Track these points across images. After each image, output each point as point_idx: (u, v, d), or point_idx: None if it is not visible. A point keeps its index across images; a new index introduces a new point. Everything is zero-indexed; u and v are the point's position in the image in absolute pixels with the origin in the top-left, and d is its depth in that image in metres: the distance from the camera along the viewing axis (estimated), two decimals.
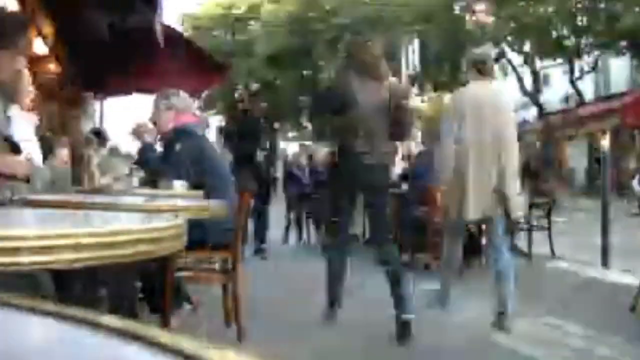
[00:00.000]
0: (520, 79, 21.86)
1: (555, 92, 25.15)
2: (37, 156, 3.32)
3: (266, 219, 7.52)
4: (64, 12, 6.06)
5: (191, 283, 3.64)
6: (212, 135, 8.86)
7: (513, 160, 4.16)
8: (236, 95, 28.76)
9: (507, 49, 21.29)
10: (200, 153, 3.60)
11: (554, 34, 19.33)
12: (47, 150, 3.85)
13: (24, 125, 3.27)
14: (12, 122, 2.96)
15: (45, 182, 2.56)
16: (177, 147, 3.55)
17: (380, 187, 3.93)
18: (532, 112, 23.87)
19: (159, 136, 4.01)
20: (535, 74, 21.69)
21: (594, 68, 21.08)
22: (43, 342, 0.48)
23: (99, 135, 6.46)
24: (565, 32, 19.33)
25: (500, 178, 4.07)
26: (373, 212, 4.02)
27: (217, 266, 3.59)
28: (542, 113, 21.85)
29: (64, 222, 1.48)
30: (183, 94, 3.86)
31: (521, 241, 7.51)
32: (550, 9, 18.47)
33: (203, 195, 3.07)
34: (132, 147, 5.71)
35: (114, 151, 7.00)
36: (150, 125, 4.01)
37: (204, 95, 25.06)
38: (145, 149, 4.04)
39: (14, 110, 3.08)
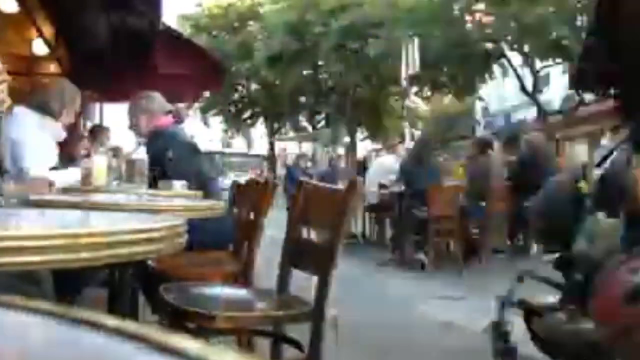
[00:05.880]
0: (520, 79, 21.85)
1: (555, 92, 25.13)
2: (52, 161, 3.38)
3: None
4: (65, 13, 6.06)
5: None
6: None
7: None
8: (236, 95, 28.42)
9: (507, 49, 21.28)
10: (183, 154, 3.59)
11: (554, 34, 19.32)
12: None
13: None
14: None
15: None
16: (158, 149, 3.53)
17: None
18: (532, 112, 23.85)
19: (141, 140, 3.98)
20: (535, 74, 21.68)
21: None
22: (43, 342, 0.48)
23: (99, 131, 6.45)
24: (565, 32, 19.31)
25: None
26: None
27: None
28: (542, 113, 21.84)
29: (63, 222, 1.48)
30: (155, 95, 3.85)
31: (521, 242, 7.52)
32: (550, 9, 18.45)
33: (203, 195, 3.07)
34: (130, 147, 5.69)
35: (116, 151, 6.99)
36: None
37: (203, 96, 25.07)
38: None
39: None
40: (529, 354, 3.50)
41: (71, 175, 3.27)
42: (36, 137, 3.31)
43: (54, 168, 3.36)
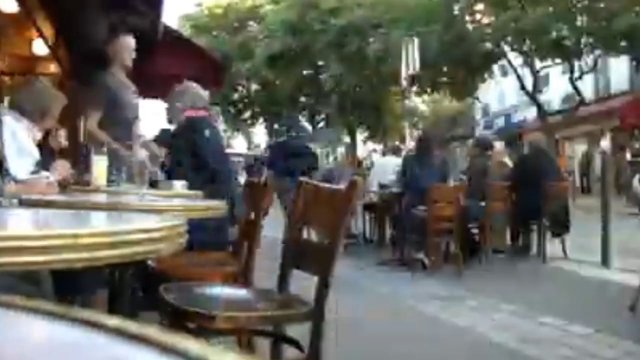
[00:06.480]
0: (520, 79, 21.84)
1: (555, 92, 25.14)
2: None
3: None
4: (65, 13, 6.06)
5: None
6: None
7: None
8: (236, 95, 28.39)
9: (507, 49, 21.29)
10: (218, 145, 3.65)
11: (554, 34, 19.31)
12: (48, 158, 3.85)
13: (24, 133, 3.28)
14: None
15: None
16: (195, 137, 3.56)
17: None
18: (532, 112, 23.85)
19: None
20: (535, 74, 21.67)
21: (594, 68, 21.07)
22: (43, 342, 0.48)
23: None
24: (565, 32, 19.31)
25: None
26: None
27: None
28: (542, 113, 21.85)
29: (64, 222, 1.48)
30: (196, 88, 3.86)
31: (521, 242, 7.52)
32: (550, 9, 18.44)
33: (203, 195, 3.07)
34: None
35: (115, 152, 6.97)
36: None
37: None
38: None
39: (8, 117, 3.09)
40: (529, 354, 3.50)
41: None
42: (14, 141, 3.21)
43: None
